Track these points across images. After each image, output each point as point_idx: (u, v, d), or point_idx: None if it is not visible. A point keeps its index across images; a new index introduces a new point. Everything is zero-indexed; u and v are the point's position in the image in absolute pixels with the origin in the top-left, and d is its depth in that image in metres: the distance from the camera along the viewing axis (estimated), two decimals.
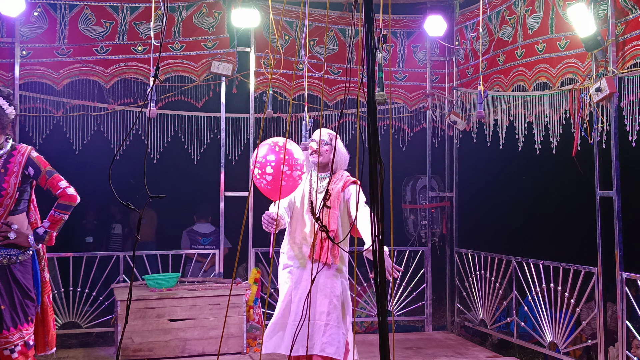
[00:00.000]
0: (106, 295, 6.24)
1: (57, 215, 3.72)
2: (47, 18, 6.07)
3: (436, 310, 7.71)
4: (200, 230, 7.38)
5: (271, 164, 3.55)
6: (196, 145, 6.53)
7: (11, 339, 3.63)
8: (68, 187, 3.76)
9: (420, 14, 6.82)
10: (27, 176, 3.73)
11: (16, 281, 3.66)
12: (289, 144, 3.63)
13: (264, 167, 3.56)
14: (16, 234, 3.66)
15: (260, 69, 6.60)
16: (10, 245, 3.66)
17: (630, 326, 4.72)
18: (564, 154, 5.26)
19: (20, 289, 3.67)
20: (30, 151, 3.78)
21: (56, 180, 3.75)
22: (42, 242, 3.72)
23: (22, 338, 3.66)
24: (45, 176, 3.73)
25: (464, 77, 6.90)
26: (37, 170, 3.73)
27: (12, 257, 3.66)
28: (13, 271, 3.66)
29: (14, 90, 5.93)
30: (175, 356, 5.69)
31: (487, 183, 7.99)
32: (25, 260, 3.72)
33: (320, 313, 3.75)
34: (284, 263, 3.96)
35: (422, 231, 7.13)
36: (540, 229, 8.24)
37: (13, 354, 3.62)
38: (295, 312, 3.78)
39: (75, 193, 3.78)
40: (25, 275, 3.71)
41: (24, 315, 3.68)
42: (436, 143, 7.12)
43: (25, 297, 3.69)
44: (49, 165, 3.79)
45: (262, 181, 3.60)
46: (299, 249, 3.87)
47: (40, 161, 3.77)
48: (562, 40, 5.32)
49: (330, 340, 3.70)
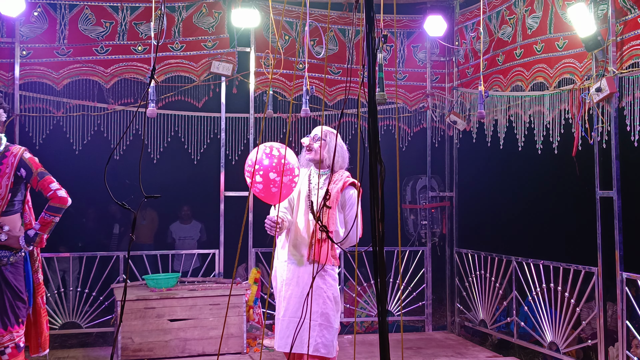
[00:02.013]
0: (106, 295, 6.24)
1: (47, 218, 3.69)
2: (47, 18, 6.07)
3: (436, 310, 7.71)
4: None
5: (259, 172, 3.55)
6: (196, 145, 6.53)
7: (1, 341, 3.61)
8: (59, 189, 3.72)
9: (420, 14, 6.82)
10: (20, 177, 3.69)
11: (7, 283, 3.64)
12: (282, 149, 3.61)
13: (254, 175, 3.55)
14: (7, 235, 3.64)
15: (260, 69, 6.60)
16: (2, 247, 3.64)
17: (630, 326, 4.72)
18: (564, 154, 5.26)
19: (11, 291, 3.65)
20: (23, 152, 3.74)
21: (47, 182, 3.71)
22: (32, 244, 3.70)
23: (13, 340, 3.64)
24: (37, 178, 3.69)
25: (464, 77, 6.90)
26: (28, 172, 3.69)
27: (3, 259, 3.64)
28: (4, 273, 3.63)
29: (14, 90, 5.94)
30: (175, 356, 5.69)
31: (487, 183, 7.98)
32: (16, 262, 3.70)
33: (314, 313, 3.75)
34: (279, 256, 3.94)
35: (422, 231, 7.13)
36: (541, 229, 8.23)
37: (3, 355, 3.61)
38: (285, 308, 3.79)
39: (66, 195, 3.74)
40: (16, 277, 3.69)
41: (14, 317, 3.65)
42: (436, 143, 7.13)
43: (16, 299, 3.67)
44: (41, 167, 3.75)
45: (255, 188, 3.61)
46: (295, 247, 3.86)
47: (32, 162, 3.72)
48: (560, 40, 5.32)
49: (323, 340, 3.73)
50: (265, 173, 3.54)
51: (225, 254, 6.57)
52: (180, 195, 8.37)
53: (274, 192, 3.57)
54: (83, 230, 8.59)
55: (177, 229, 8.23)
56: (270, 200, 3.66)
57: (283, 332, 3.77)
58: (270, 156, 3.59)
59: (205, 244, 8.00)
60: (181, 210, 8.26)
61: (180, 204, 8.38)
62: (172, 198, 8.24)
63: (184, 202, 8.38)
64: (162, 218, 8.67)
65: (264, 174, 3.55)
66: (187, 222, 8.28)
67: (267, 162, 3.57)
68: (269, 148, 3.62)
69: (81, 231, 8.52)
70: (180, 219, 8.27)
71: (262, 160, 3.57)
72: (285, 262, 3.86)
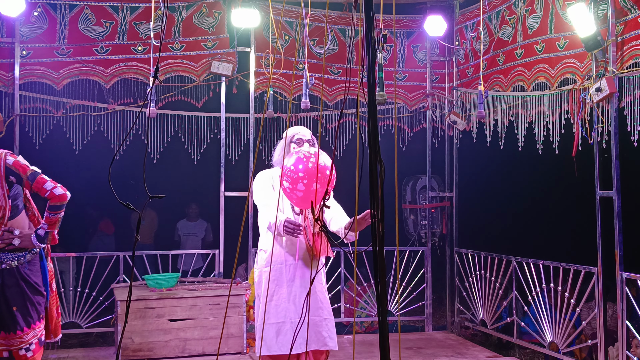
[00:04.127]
0: (106, 295, 6.24)
1: (52, 217, 3.68)
2: (47, 18, 6.07)
3: (436, 310, 7.71)
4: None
5: (303, 181, 3.56)
6: (196, 145, 6.53)
7: (25, 339, 3.64)
8: (55, 188, 3.65)
9: (420, 14, 6.82)
10: (12, 182, 3.63)
11: (26, 281, 3.66)
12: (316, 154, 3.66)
13: (296, 182, 3.57)
14: (20, 238, 3.64)
15: (260, 69, 6.60)
16: (17, 248, 3.66)
17: (630, 326, 4.72)
18: (564, 154, 5.26)
19: (30, 288, 3.67)
20: (6, 158, 3.60)
21: (41, 183, 3.62)
22: (45, 242, 3.72)
23: (36, 336, 3.68)
24: (29, 182, 3.61)
25: (464, 77, 6.90)
26: (18, 178, 3.60)
27: (20, 258, 3.66)
28: (22, 271, 3.65)
29: (14, 90, 5.94)
30: (175, 356, 5.69)
31: (487, 183, 7.99)
32: (33, 259, 3.72)
33: (317, 309, 3.80)
34: (270, 259, 3.86)
35: (422, 231, 7.13)
36: (541, 229, 8.23)
37: (28, 352, 3.64)
38: (293, 310, 3.78)
39: (64, 191, 3.67)
40: (34, 273, 3.71)
41: (36, 313, 3.69)
42: (436, 143, 7.12)
43: (35, 294, 3.69)
44: (29, 168, 3.64)
45: (292, 195, 3.65)
46: (288, 246, 3.86)
47: (17, 167, 3.60)
48: (561, 40, 5.32)
49: (330, 334, 3.82)
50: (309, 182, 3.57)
51: (225, 253, 6.57)
52: (181, 195, 8.37)
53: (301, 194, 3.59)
54: (83, 230, 8.60)
55: (183, 226, 8.27)
56: (303, 203, 3.69)
57: (291, 334, 3.72)
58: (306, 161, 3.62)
59: (211, 243, 7.99)
60: (189, 208, 8.30)
61: (181, 204, 8.38)
62: (173, 198, 8.24)
63: (184, 202, 8.38)
64: (162, 218, 8.67)
65: (307, 182, 3.57)
66: (194, 219, 8.29)
67: (301, 166, 3.61)
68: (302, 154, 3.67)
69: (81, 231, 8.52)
70: (188, 216, 8.28)
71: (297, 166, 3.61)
72: (280, 264, 3.85)
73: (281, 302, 3.81)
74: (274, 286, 3.84)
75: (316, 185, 3.51)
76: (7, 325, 3.61)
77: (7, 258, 3.63)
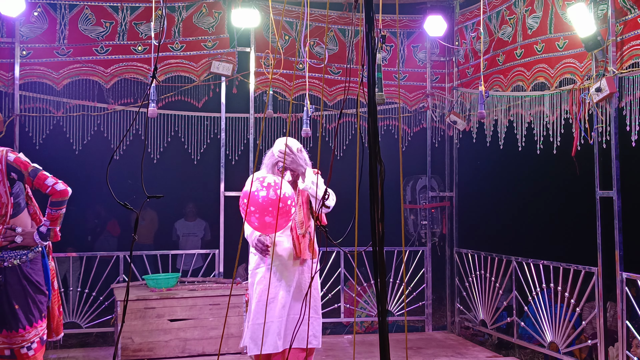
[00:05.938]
0: (106, 295, 6.24)
1: (54, 213, 3.70)
2: (47, 18, 6.07)
3: (436, 310, 7.71)
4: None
5: (255, 215, 3.64)
6: (196, 145, 6.53)
7: (27, 337, 3.64)
8: (56, 184, 3.67)
9: (420, 14, 6.82)
10: (14, 179, 3.65)
11: (28, 280, 3.66)
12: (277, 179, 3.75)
13: (263, 212, 3.62)
14: (22, 236, 3.65)
15: (260, 69, 6.60)
16: (19, 247, 3.66)
17: (630, 326, 4.72)
18: (564, 154, 5.26)
19: (32, 287, 3.68)
20: (7, 155, 3.63)
21: (42, 179, 3.65)
22: (47, 239, 3.72)
23: (38, 334, 3.69)
24: (30, 178, 3.64)
25: (464, 77, 6.90)
26: (19, 174, 3.63)
27: (22, 257, 3.66)
28: (24, 270, 3.66)
29: (14, 90, 5.94)
30: (175, 356, 5.69)
31: (487, 183, 7.98)
32: (35, 258, 3.72)
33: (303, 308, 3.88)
34: (261, 262, 4.01)
35: (422, 231, 7.13)
36: (541, 229, 8.23)
37: (30, 351, 3.64)
38: (280, 309, 3.88)
39: (65, 187, 3.69)
40: (36, 272, 3.71)
41: (38, 312, 3.69)
42: (436, 143, 7.12)
43: (37, 293, 3.69)
44: (30, 165, 3.66)
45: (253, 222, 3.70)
46: (277, 249, 3.93)
47: (19, 163, 3.63)
48: (560, 40, 5.32)
49: (314, 332, 3.96)
50: (262, 212, 3.63)
51: (225, 253, 6.57)
52: (181, 195, 8.37)
53: (269, 222, 3.64)
54: (83, 230, 8.60)
55: (181, 226, 8.25)
56: (265, 230, 3.74)
57: (278, 332, 3.85)
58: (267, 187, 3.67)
59: (210, 243, 7.99)
60: (186, 208, 8.28)
61: (181, 204, 8.38)
62: (173, 198, 8.24)
63: (184, 202, 8.38)
64: (162, 218, 8.66)
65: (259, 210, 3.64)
66: (192, 219, 8.27)
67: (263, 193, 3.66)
68: (262, 178, 3.74)
69: (82, 231, 8.52)
70: (185, 216, 8.27)
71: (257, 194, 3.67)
72: (269, 266, 3.92)
73: (269, 303, 3.89)
74: (262, 287, 3.94)
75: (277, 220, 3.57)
76: (9, 324, 3.62)
77: (9, 256, 3.64)
